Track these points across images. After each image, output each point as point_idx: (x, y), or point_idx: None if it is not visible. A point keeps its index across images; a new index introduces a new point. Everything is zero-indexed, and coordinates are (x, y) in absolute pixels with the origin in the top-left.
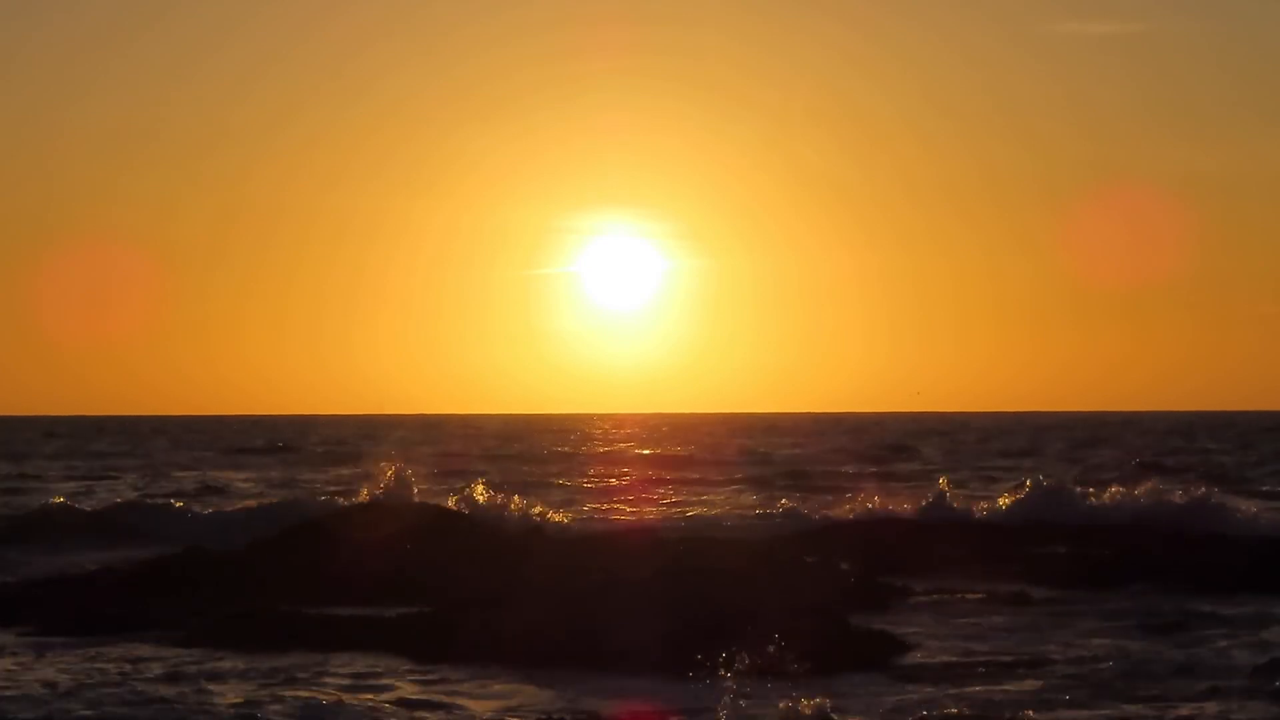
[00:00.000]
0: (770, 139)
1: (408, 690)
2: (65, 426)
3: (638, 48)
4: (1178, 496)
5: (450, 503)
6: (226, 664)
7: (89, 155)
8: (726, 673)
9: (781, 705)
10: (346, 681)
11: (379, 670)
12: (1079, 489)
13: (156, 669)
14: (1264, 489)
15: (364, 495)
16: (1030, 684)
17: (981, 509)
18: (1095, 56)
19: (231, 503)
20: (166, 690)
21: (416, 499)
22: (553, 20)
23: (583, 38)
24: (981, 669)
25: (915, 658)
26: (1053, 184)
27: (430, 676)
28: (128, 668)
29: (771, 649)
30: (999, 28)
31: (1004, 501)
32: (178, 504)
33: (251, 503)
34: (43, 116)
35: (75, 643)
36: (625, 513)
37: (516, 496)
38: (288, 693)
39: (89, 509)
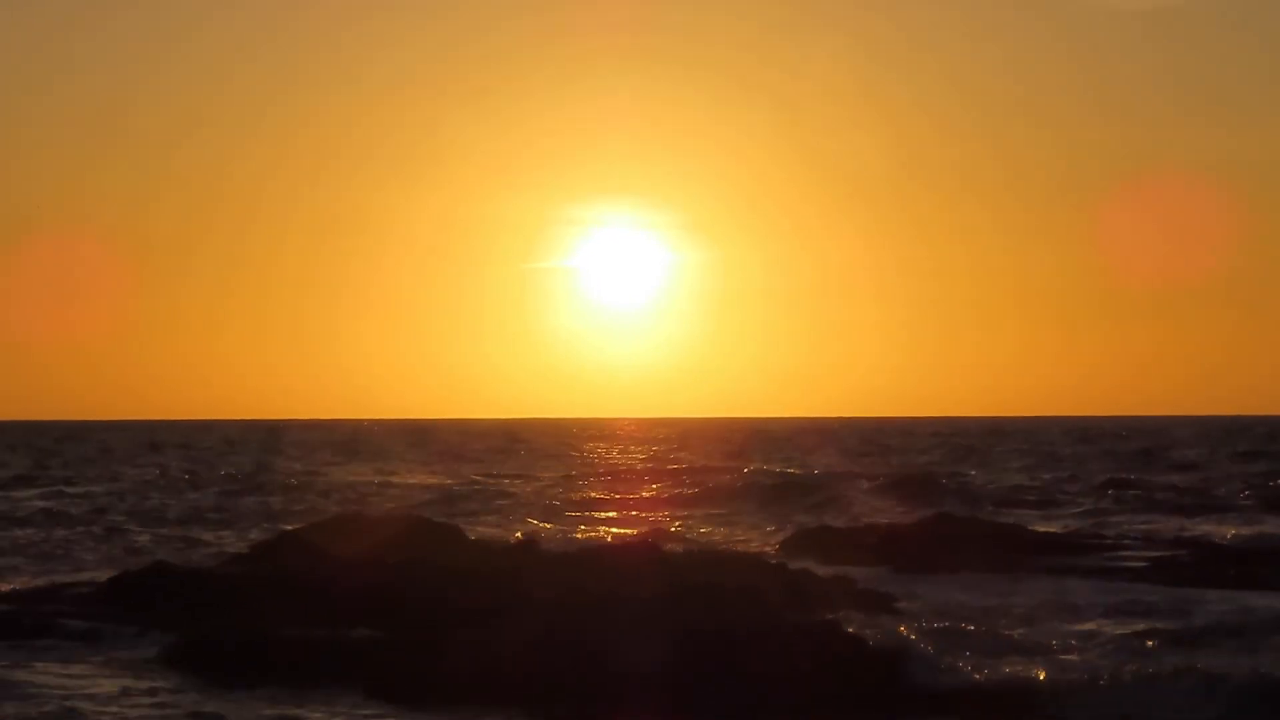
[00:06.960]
0: (781, 124)
1: None
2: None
3: (640, 25)
4: None
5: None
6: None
7: (54, 145)
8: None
9: None
10: None
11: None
12: None
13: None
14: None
15: None
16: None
17: None
18: (1125, 35)
19: None
20: None
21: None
22: None
23: (581, 14)
24: (998, 683)
25: (925, 670)
26: (1082, 173)
27: (411, 710)
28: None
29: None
30: (1022, 4)
31: None
32: None
33: None
34: (5, 103)
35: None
36: (631, 527)
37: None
38: None
39: None
